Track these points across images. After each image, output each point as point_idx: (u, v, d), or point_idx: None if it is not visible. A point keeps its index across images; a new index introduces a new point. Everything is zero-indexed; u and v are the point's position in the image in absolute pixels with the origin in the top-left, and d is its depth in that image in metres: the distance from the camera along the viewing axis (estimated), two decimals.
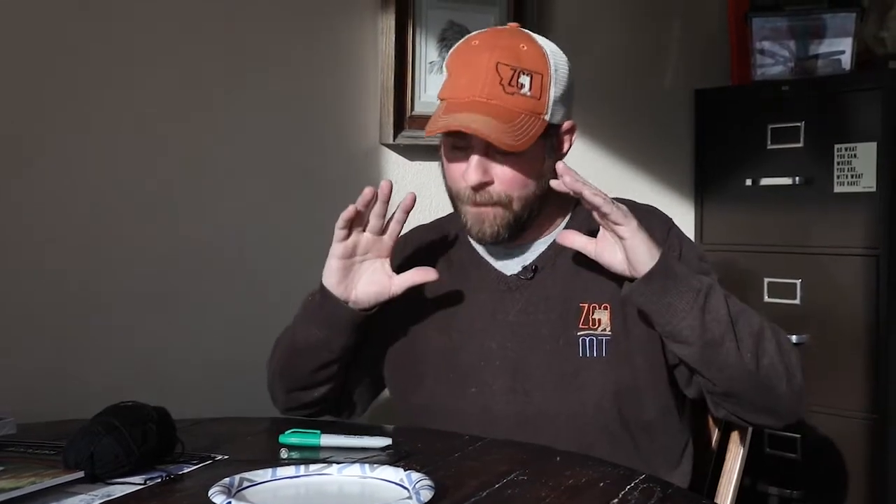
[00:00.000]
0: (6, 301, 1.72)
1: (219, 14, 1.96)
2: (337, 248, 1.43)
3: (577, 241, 1.40)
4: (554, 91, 1.43)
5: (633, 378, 1.44)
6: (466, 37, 1.49)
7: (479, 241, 1.49)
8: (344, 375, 1.53)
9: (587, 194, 1.32)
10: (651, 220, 1.46)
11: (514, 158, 1.41)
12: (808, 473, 2.48)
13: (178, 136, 1.92)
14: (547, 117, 1.43)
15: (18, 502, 1.05)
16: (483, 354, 1.48)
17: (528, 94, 1.40)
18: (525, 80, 1.40)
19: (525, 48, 1.43)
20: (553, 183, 1.37)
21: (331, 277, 1.44)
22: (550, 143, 1.46)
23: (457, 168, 1.45)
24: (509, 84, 1.39)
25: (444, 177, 1.50)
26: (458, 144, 1.44)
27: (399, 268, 1.56)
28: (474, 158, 1.41)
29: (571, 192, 1.34)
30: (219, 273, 1.97)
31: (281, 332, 1.57)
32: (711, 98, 2.76)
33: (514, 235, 1.46)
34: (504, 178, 1.42)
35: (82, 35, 1.80)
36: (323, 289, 1.45)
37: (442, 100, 1.46)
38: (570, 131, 1.51)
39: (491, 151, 1.41)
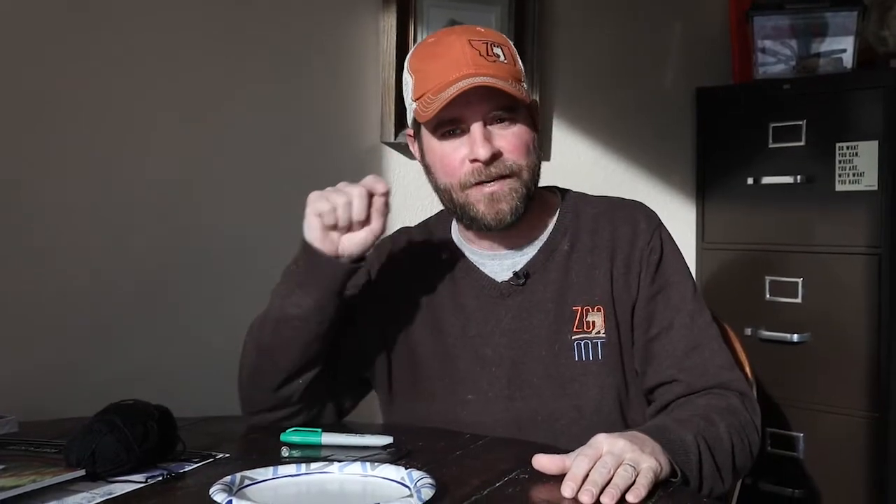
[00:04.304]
0: (7, 300, 1.72)
1: (219, 12, 1.96)
2: (323, 206, 1.33)
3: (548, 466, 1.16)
4: (519, 61, 1.44)
5: (628, 381, 1.44)
6: (416, 44, 1.49)
7: (498, 224, 1.41)
8: (326, 370, 1.45)
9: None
10: (636, 223, 1.47)
11: (512, 126, 1.40)
12: (809, 472, 2.48)
13: (179, 136, 1.92)
14: (525, 85, 1.43)
15: (20, 500, 1.05)
16: (479, 361, 1.46)
17: (505, 61, 1.40)
18: (498, 50, 1.40)
19: (482, 29, 1.45)
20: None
21: (313, 232, 1.36)
22: (532, 115, 1.45)
23: (454, 154, 1.40)
24: (488, 55, 1.39)
25: (436, 174, 1.44)
26: (451, 133, 1.40)
27: (383, 269, 1.55)
28: (477, 133, 1.38)
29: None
30: (220, 272, 1.97)
31: (251, 327, 1.47)
32: (713, 97, 2.76)
33: (523, 214, 1.42)
34: (509, 146, 1.39)
35: (82, 36, 1.80)
36: (307, 247, 1.36)
37: (418, 98, 1.41)
38: (537, 108, 1.49)
39: (488, 125, 1.39)
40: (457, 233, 1.54)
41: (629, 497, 1.08)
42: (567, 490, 1.08)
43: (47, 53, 1.76)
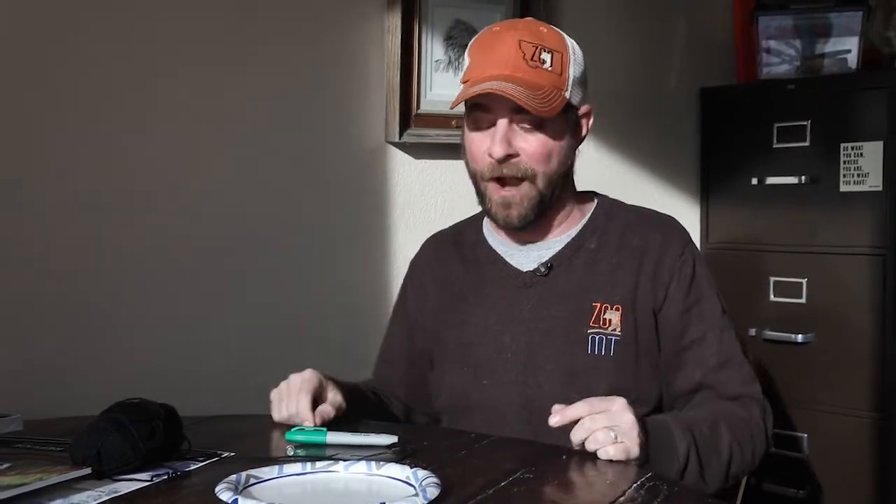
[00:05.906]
0: (12, 298, 1.72)
1: (224, 12, 1.96)
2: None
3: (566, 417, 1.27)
4: (573, 70, 1.46)
5: (637, 381, 1.46)
6: (487, 26, 1.52)
7: (506, 226, 1.49)
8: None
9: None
10: (668, 233, 1.51)
11: (538, 132, 1.43)
12: (813, 473, 2.48)
13: (183, 135, 1.92)
14: (567, 94, 1.45)
15: (26, 498, 1.05)
16: (496, 348, 1.50)
17: (550, 69, 1.43)
18: (546, 56, 1.43)
19: (545, 30, 1.48)
20: (552, 422, 1.27)
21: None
22: (571, 124, 1.48)
23: (479, 144, 1.46)
24: (532, 59, 1.42)
25: (466, 159, 1.50)
26: (480, 123, 1.45)
27: (417, 272, 1.65)
28: (499, 130, 1.42)
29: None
30: (225, 271, 1.97)
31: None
32: (717, 97, 2.76)
33: (539, 217, 1.47)
34: (528, 151, 1.43)
35: (84, 34, 1.80)
36: None
37: (464, 82, 1.47)
38: (588, 115, 1.52)
39: (515, 124, 1.43)
40: (488, 226, 1.60)
41: (588, 444, 1.22)
42: (553, 420, 1.24)
43: (48, 50, 1.76)
